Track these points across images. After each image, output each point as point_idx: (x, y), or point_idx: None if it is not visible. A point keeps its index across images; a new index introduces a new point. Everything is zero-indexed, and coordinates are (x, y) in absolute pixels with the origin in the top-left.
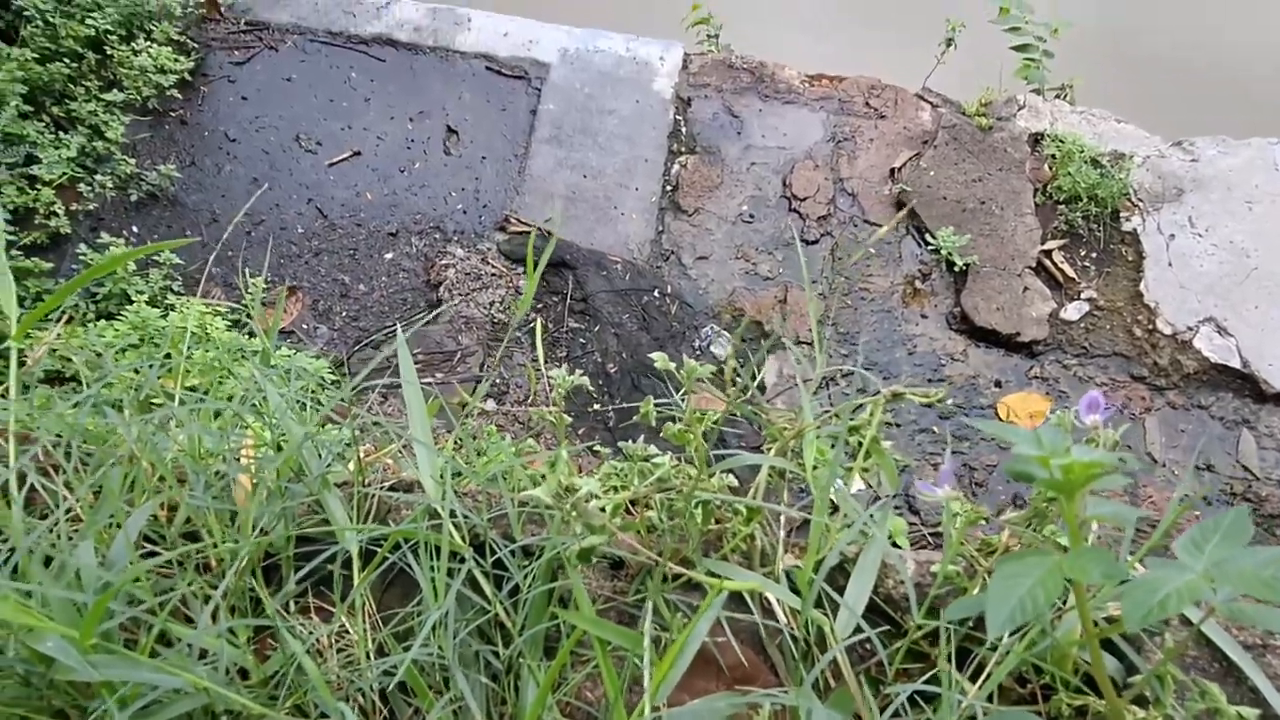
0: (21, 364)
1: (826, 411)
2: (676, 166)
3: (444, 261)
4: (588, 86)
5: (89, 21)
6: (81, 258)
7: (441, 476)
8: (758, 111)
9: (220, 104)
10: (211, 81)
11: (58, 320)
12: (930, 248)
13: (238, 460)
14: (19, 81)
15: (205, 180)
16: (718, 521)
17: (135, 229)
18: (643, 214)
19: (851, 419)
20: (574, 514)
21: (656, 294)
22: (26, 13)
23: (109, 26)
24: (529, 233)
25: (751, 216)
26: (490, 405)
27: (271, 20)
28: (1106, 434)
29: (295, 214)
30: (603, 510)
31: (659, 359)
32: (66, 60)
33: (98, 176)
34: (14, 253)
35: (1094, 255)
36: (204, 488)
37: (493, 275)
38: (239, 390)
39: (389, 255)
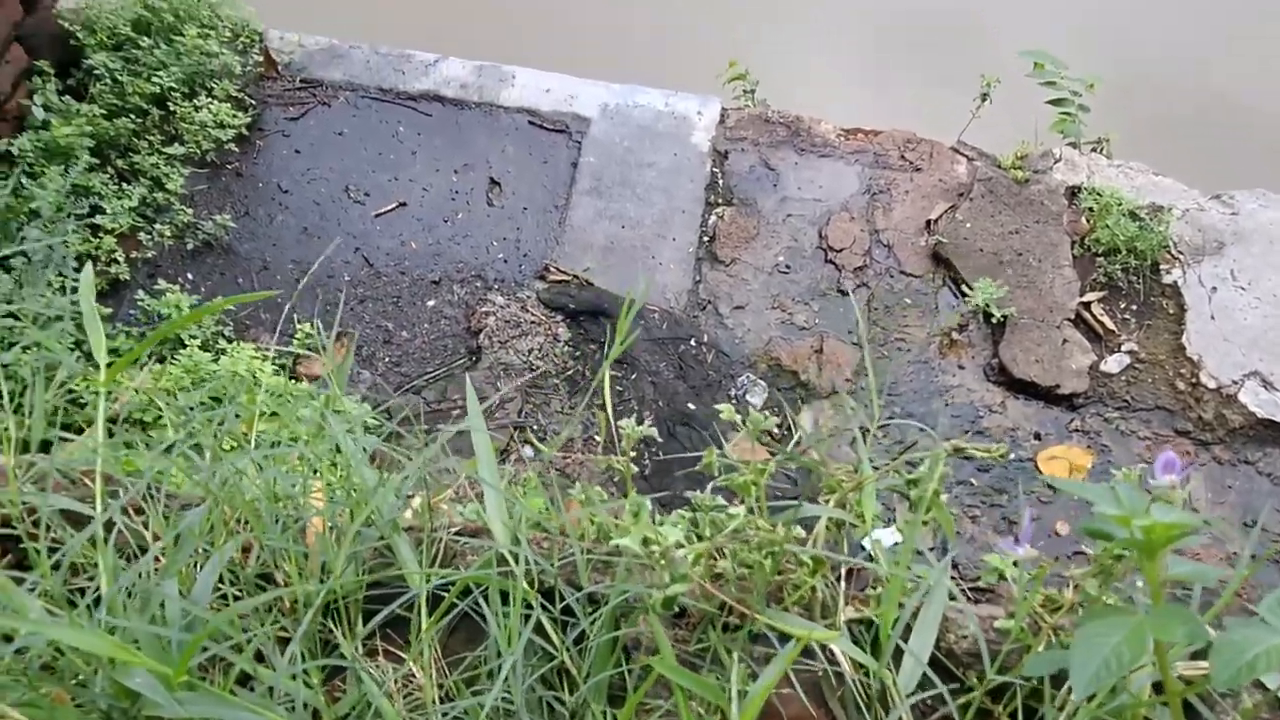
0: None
1: (882, 464)
2: (713, 218)
3: (484, 309)
4: (627, 140)
5: (155, 79)
6: (139, 303)
7: (511, 520)
8: (794, 164)
9: (274, 157)
10: (267, 136)
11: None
12: (967, 299)
13: (309, 503)
14: (87, 136)
15: (258, 230)
16: (779, 572)
17: (190, 276)
18: (680, 264)
19: (909, 471)
20: (662, 562)
21: (693, 343)
22: (96, 71)
23: (173, 84)
24: (568, 281)
25: (788, 267)
26: (528, 452)
27: (325, 78)
28: (1178, 493)
29: (342, 262)
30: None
31: (725, 410)
32: (132, 116)
33: (157, 226)
34: (73, 298)
35: (1134, 308)
36: (280, 530)
37: (532, 323)
38: (301, 432)
39: (431, 303)
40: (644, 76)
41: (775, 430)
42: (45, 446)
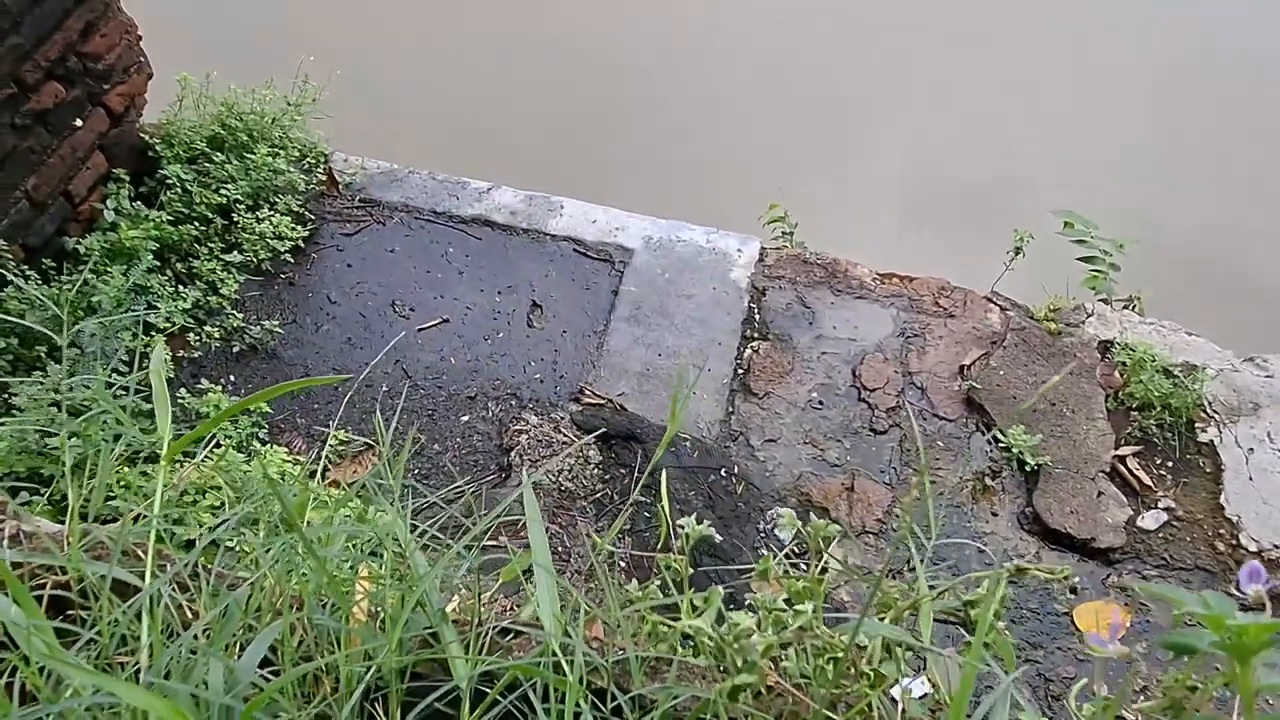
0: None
1: (939, 587)
2: (749, 351)
3: (517, 427)
4: (668, 272)
5: (222, 191)
6: (181, 400)
7: (563, 615)
8: (830, 304)
9: (327, 270)
10: (322, 249)
11: (149, 460)
12: (1001, 445)
13: (357, 588)
14: (152, 240)
15: (304, 337)
16: (835, 685)
17: (232, 378)
18: (714, 394)
19: (967, 595)
20: (735, 647)
21: (723, 474)
22: (169, 181)
23: (239, 196)
24: (602, 405)
25: (821, 404)
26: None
27: (383, 199)
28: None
29: (382, 373)
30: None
31: (786, 516)
32: (197, 223)
33: (206, 328)
34: (117, 390)
35: (1170, 464)
36: (326, 613)
37: (564, 444)
38: (354, 514)
39: (465, 418)
40: (688, 213)
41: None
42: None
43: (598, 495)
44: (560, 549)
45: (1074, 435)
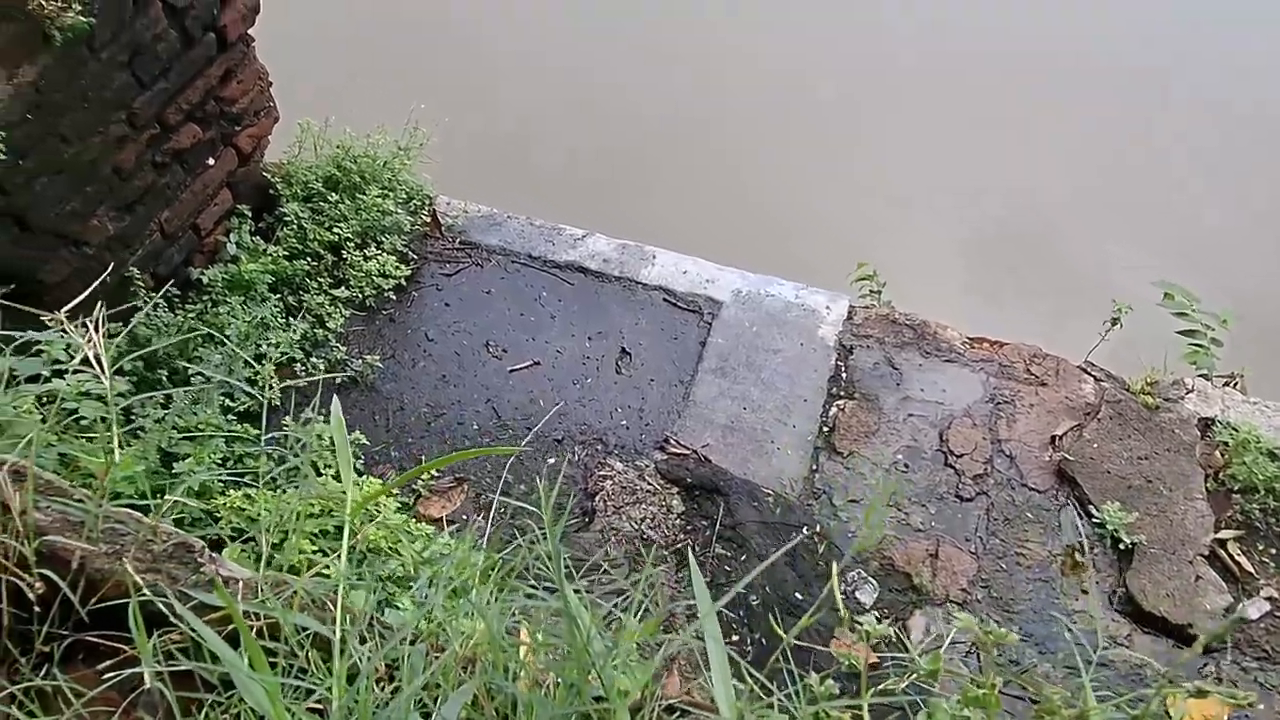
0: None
1: (1106, 696)
2: (834, 409)
3: (602, 473)
4: (756, 325)
5: (335, 230)
6: (285, 427)
7: (740, 702)
8: (918, 366)
9: (426, 308)
10: (422, 288)
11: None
12: (1094, 520)
13: (520, 654)
14: (269, 273)
15: (401, 372)
16: None
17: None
18: (798, 451)
19: (1134, 709)
20: None
21: (805, 531)
22: (286, 218)
23: (349, 235)
24: (687, 455)
25: (906, 466)
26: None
27: (482, 241)
28: None
29: (473, 411)
30: None
31: (963, 620)
32: (309, 259)
33: (312, 359)
34: (230, 417)
35: (1273, 551)
36: (504, 677)
37: (647, 492)
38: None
39: (551, 460)
40: (778, 268)
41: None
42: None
43: (679, 546)
44: (641, 599)
45: (1170, 515)
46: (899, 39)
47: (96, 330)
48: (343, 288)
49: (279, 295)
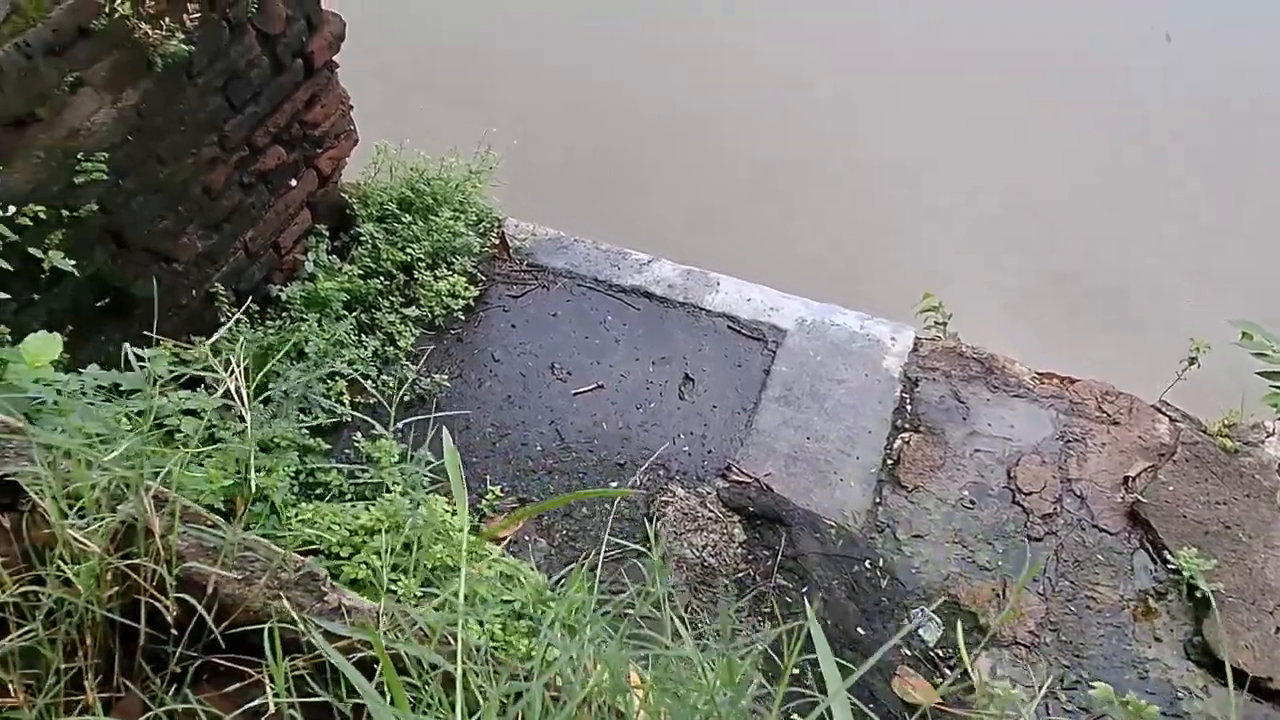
0: None
1: None
2: (899, 442)
3: (664, 498)
4: (820, 355)
5: (407, 250)
6: (355, 443)
7: None
8: (985, 400)
9: (493, 329)
10: (489, 309)
11: (322, 498)
12: (1169, 566)
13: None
14: (344, 291)
15: (467, 392)
16: None
17: (400, 425)
18: (861, 483)
19: None
20: None
21: (868, 565)
22: (361, 237)
23: (421, 256)
24: (749, 484)
25: (972, 503)
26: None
27: (549, 264)
28: None
29: (537, 433)
30: None
31: (1100, 690)
32: (382, 278)
33: (382, 376)
34: (302, 430)
35: None
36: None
37: (709, 519)
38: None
39: (614, 484)
40: (842, 298)
41: (949, 672)
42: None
43: (740, 574)
44: (700, 627)
45: (1249, 563)
46: (972, 89)
47: (237, 364)
48: (413, 307)
49: (352, 313)
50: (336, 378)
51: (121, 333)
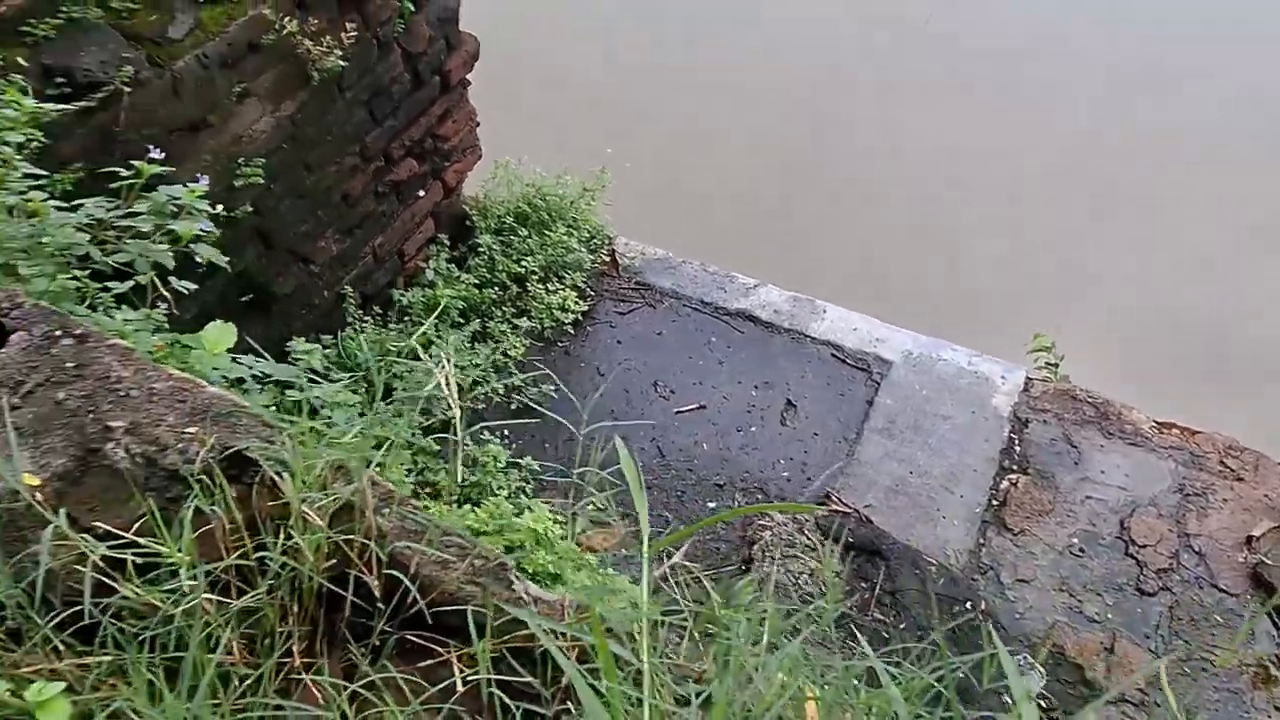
0: None
1: None
2: (1005, 483)
3: (762, 522)
4: (926, 389)
5: (522, 263)
6: (466, 448)
7: None
8: (1099, 446)
9: (599, 344)
10: (597, 324)
11: (433, 497)
12: None
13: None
14: (461, 299)
15: (571, 404)
16: None
17: (506, 432)
18: (964, 522)
19: None
20: None
21: (969, 607)
22: (479, 248)
23: (534, 269)
24: (848, 514)
25: (1082, 551)
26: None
27: (656, 284)
28: None
29: (638, 449)
30: None
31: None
32: (496, 289)
33: (492, 383)
34: (415, 431)
35: None
36: None
37: (806, 546)
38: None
39: (712, 504)
40: (951, 333)
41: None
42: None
43: (835, 605)
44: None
45: None
46: (1088, 118)
47: (447, 359)
48: (524, 318)
49: (469, 322)
50: (450, 382)
51: (261, 327)
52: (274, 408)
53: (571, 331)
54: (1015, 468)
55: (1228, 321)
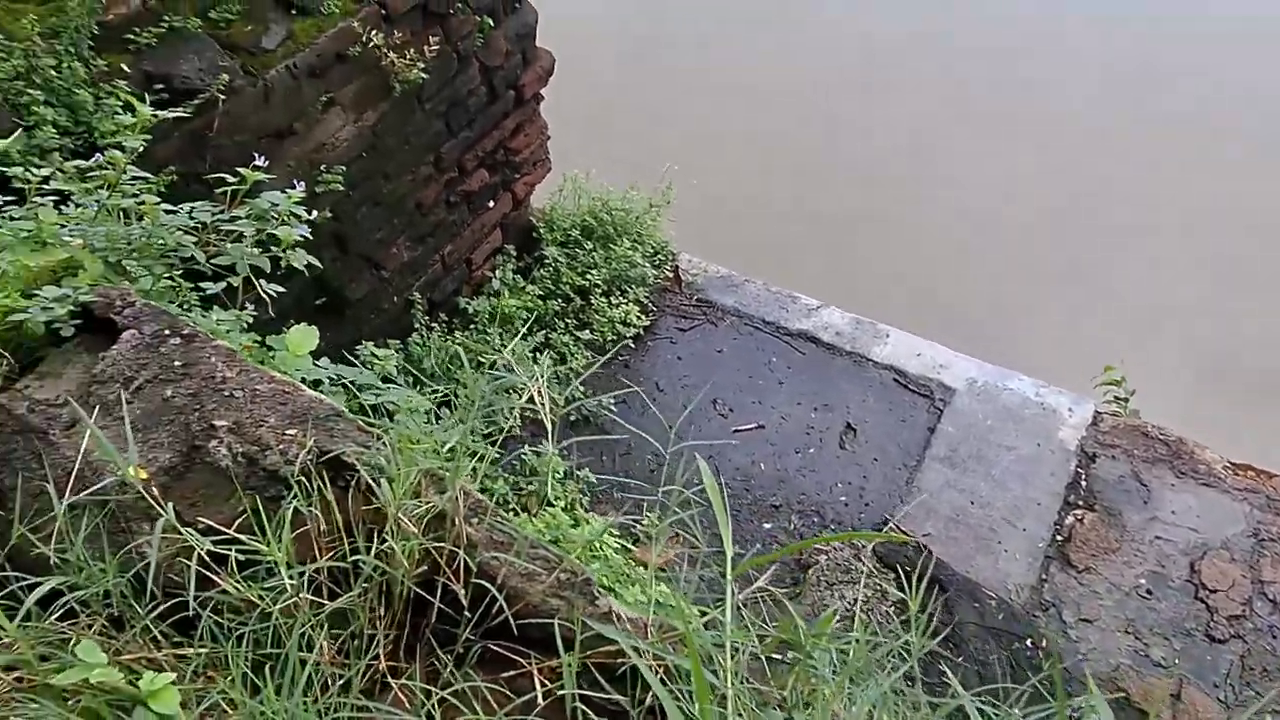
0: None
1: None
2: (1071, 518)
3: (817, 546)
4: (990, 419)
5: (586, 276)
6: (522, 456)
7: None
8: (1170, 485)
9: (659, 359)
10: (658, 339)
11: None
12: None
13: None
14: (526, 309)
15: (629, 417)
16: None
17: (564, 442)
18: (1026, 556)
19: None
20: None
21: (1029, 644)
22: (545, 260)
23: (599, 282)
24: (906, 542)
25: (1149, 592)
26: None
27: (718, 301)
28: None
29: (694, 466)
30: None
31: None
32: (560, 300)
33: (552, 394)
34: (478, 440)
35: None
36: None
37: (862, 573)
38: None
39: (767, 525)
40: (1017, 362)
41: None
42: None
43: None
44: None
45: None
46: (1171, 158)
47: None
48: (586, 330)
49: (535, 333)
50: (510, 391)
51: (332, 331)
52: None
53: (632, 345)
54: (1081, 503)
55: None
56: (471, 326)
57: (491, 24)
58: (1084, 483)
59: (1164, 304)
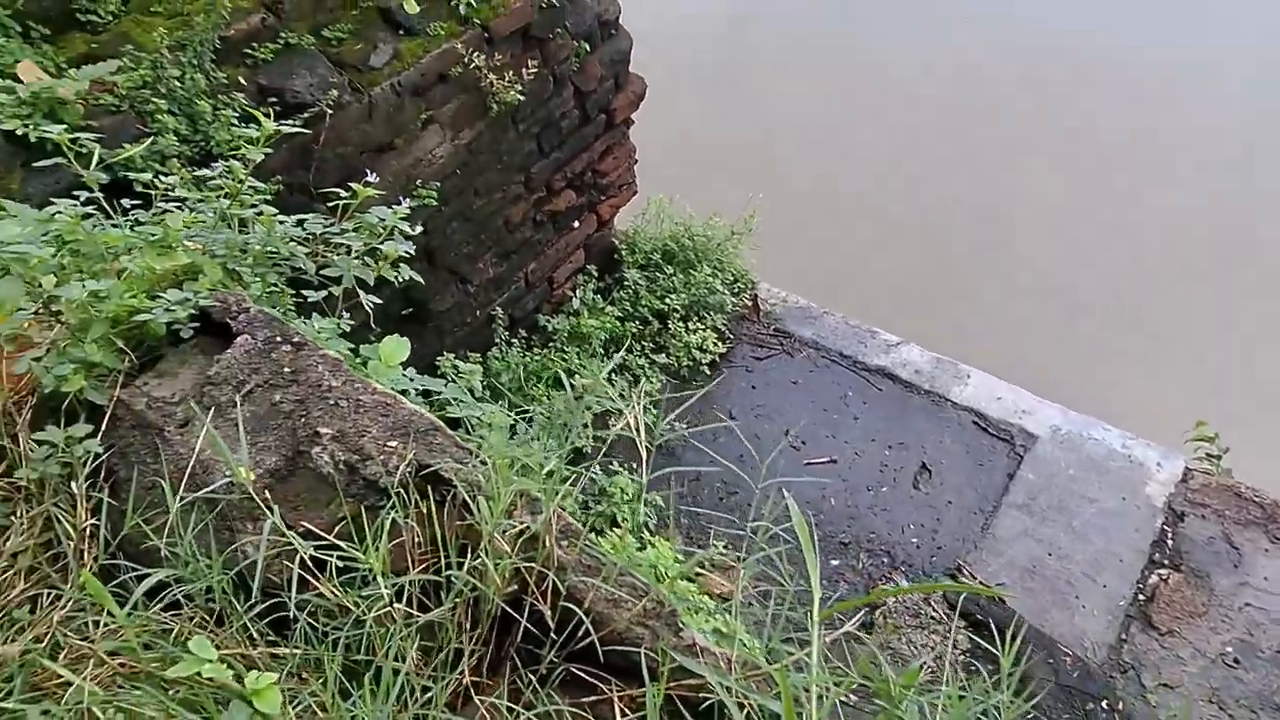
0: None
1: None
2: (1155, 578)
3: (885, 587)
4: (1073, 469)
5: (666, 300)
6: (594, 479)
7: None
8: (1263, 550)
9: (733, 386)
10: (733, 367)
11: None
12: None
13: None
14: (605, 330)
15: (701, 444)
16: None
17: (634, 465)
18: (1105, 614)
19: None
20: None
21: (1105, 706)
22: (625, 282)
23: (677, 307)
24: (988, 594)
25: (1237, 662)
26: None
27: (796, 332)
28: None
29: (763, 496)
30: None
31: None
32: (638, 323)
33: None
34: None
35: None
36: None
37: (931, 619)
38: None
39: (834, 562)
40: (1103, 412)
41: None
42: None
43: (960, 685)
44: None
45: None
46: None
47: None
48: (663, 354)
49: (612, 354)
50: (586, 409)
51: (415, 341)
52: None
53: (707, 372)
54: (1167, 563)
55: None
56: (550, 344)
57: (588, 49)
58: (1170, 541)
59: (1263, 361)
